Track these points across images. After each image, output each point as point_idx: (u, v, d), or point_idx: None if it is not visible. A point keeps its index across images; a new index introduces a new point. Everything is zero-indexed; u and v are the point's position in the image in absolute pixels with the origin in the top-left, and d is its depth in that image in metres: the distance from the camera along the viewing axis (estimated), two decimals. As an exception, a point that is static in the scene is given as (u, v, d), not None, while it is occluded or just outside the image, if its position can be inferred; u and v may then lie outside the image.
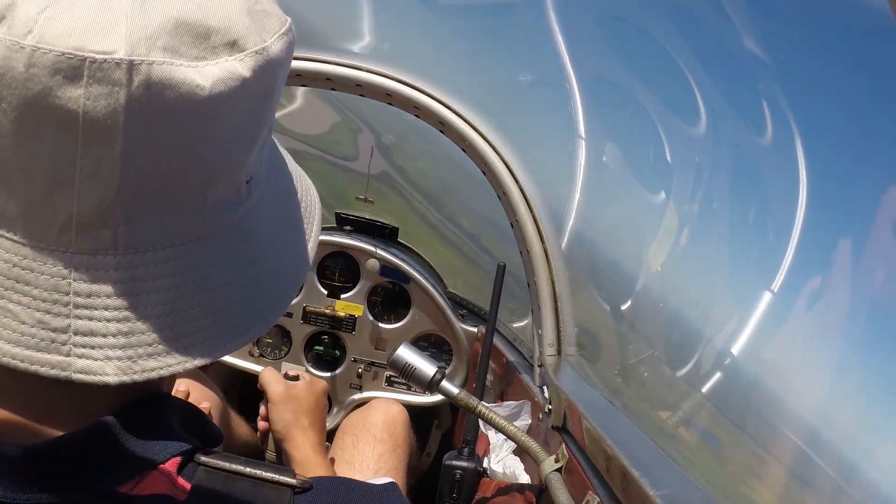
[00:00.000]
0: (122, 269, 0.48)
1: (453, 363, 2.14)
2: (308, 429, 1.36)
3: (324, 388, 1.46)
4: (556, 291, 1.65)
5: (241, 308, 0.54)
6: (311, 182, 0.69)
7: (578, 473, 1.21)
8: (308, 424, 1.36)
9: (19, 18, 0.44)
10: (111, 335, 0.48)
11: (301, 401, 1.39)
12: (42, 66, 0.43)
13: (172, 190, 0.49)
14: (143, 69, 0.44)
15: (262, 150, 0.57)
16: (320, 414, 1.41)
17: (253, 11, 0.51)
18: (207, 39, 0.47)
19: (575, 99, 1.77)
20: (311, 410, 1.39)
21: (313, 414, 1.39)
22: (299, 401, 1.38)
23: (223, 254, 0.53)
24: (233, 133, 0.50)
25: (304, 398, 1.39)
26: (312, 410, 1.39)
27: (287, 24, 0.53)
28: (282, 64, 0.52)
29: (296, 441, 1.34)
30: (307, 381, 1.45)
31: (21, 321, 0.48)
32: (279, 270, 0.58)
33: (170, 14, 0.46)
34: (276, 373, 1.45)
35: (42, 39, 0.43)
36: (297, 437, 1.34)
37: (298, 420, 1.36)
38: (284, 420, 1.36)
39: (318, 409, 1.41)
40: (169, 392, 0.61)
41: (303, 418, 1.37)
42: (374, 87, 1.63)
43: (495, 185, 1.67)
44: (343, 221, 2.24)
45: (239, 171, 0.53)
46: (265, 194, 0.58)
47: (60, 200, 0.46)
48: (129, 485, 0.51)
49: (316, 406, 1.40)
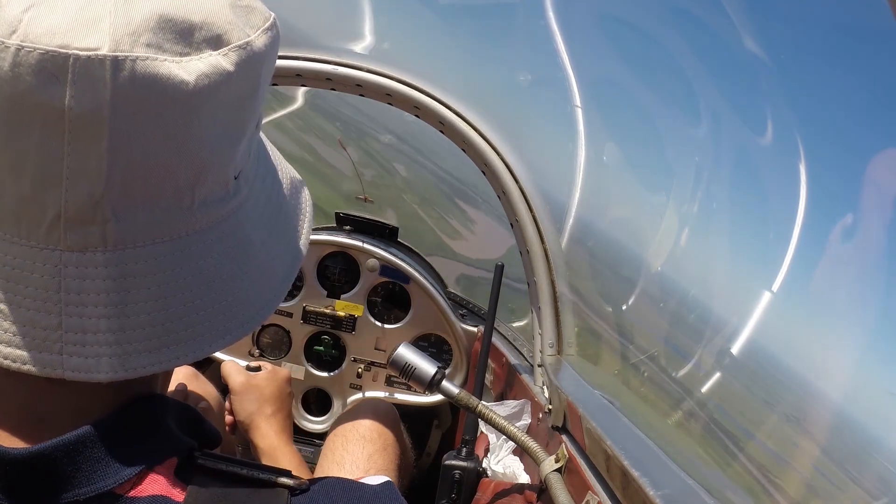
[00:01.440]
0: (112, 266, 0.48)
1: (453, 363, 2.14)
2: (271, 417, 1.36)
3: (286, 376, 1.46)
4: (556, 291, 1.65)
5: (232, 303, 0.54)
6: (301, 178, 0.69)
7: (578, 473, 1.21)
8: (271, 413, 1.37)
9: (3, 18, 0.44)
10: (102, 332, 0.48)
11: (262, 389, 1.39)
12: (27, 64, 0.43)
13: (160, 185, 0.49)
14: (127, 65, 0.44)
15: (250, 145, 0.57)
16: (284, 402, 1.41)
17: (236, 6, 0.51)
18: (191, 35, 0.47)
19: (574, 99, 1.77)
20: (274, 398, 1.39)
21: (276, 402, 1.39)
22: (261, 389, 1.39)
23: (214, 249, 0.53)
24: (219, 127, 0.50)
25: (265, 387, 1.39)
26: (275, 398, 1.39)
27: (271, 20, 0.54)
28: (266, 58, 0.53)
29: (260, 430, 1.34)
30: (269, 369, 1.45)
31: (12, 320, 0.47)
32: (271, 265, 0.58)
33: (153, 10, 0.46)
34: (236, 364, 1.45)
35: (26, 38, 0.44)
36: (260, 426, 1.34)
37: (261, 409, 1.36)
38: (247, 410, 1.36)
39: (281, 397, 1.41)
40: (164, 392, 0.60)
41: (265, 407, 1.37)
42: (374, 87, 1.63)
43: (495, 184, 1.67)
44: (343, 221, 2.24)
45: (227, 165, 0.53)
46: (254, 189, 0.58)
47: (48, 198, 0.46)
48: (126, 486, 0.51)
49: (279, 394, 1.40)
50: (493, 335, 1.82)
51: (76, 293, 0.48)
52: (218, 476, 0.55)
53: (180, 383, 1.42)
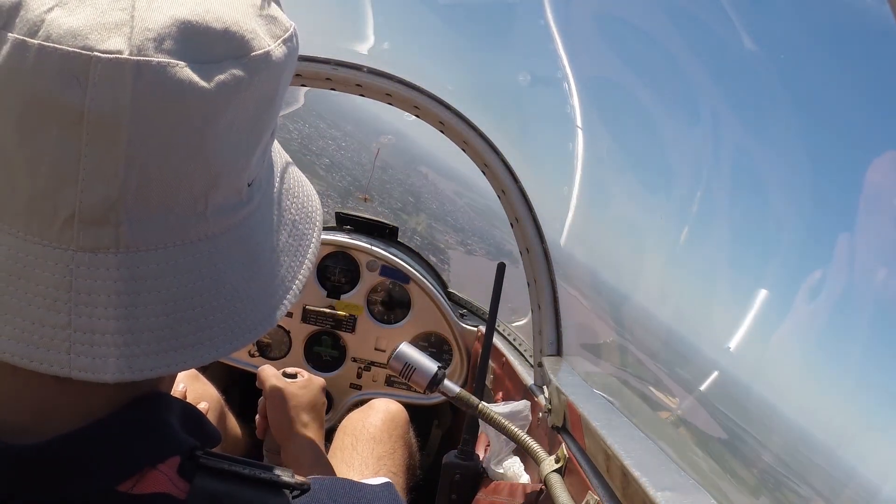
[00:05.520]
0: (124, 268, 0.48)
1: (453, 363, 2.14)
2: (307, 426, 1.36)
3: (322, 385, 1.46)
4: (557, 291, 1.65)
5: (241, 308, 0.54)
6: (311, 186, 0.69)
7: (578, 473, 1.21)
8: (307, 421, 1.36)
9: (26, 18, 0.45)
10: (110, 333, 0.48)
11: (300, 398, 1.39)
12: (48, 64, 0.44)
13: (175, 190, 0.49)
14: (148, 70, 0.44)
15: (265, 154, 0.57)
16: (319, 411, 1.41)
17: (259, 16, 0.52)
18: (212, 43, 0.48)
19: (574, 98, 1.77)
20: (310, 407, 1.39)
21: (312, 411, 1.39)
22: (298, 398, 1.38)
23: (225, 255, 0.53)
24: (236, 135, 0.51)
25: (302, 395, 1.39)
26: (311, 407, 1.39)
27: (291, 30, 0.54)
28: (285, 68, 0.53)
29: (295, 438, 1.34)
30: (305, 378, 1.45)
31: (22, 317, 0.48)
32: (280, 271, 0.58)
33: (176, 16, 0.46)
34: (274, 370, 1.45)
35: (49, 38, 0.44)
36: (296, 435, 1.34)
37: (298, 417, 1.36)
38: (283, 417, 1.36)
39: (317, 406, 1.41)
40: (168, 391, 0.61)
41: (302, 415, 1.37)
42: (374, 87, 1.63)
43: (495, 184, 1.67)
44: (343, 221, 2.24)
45: (241, 173, 0.53)
46: (266, 196, 0.59)
47: (63, 197, 0.46)
48: (128, 484, 0.52)
49: (315, 403, 1.40)
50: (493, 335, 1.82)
51: (86, 293, 0.48)
52: (220, 475, 0.55)
53: (180, 381, 1.41)
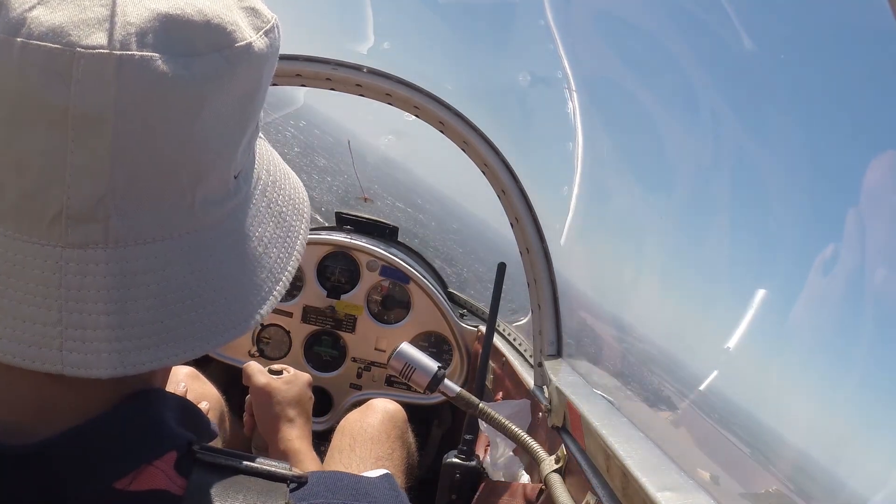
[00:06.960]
0: (113, 263, 0.49)
1: (453, 363, 2.14)
2: (293, 421, 1.37)
3: (308, 381, 1.47)
4: (557, 291, 1.65)
5: (232, 300, 0.55)
6: (297, 178, 0.69)
7: (578, 473, 1.21)
8: (293, 417, 1.37)
9: (8, 16, 0.45)
10: (102, 329, 0.48)
11: (285, 393, 1.39)
12: (32, 62, 0.44)
13: (162, 184, 0.49)
14: (130, 64, 0.45)
15: (251, 145, 0.58)
16: (305, 406, 1.42)
17: (239, 8, 0.52)
18: (195, 35, 0.48)
19: (573, 98, 1.77)
20: (296, 402, 1.39)
21: (298, 406, 1.39)
22: (283, 393, 1.39)
23: (214, 247, 0.54)
24: (221, 128, 0.51)
25: (287, 390, 1.40)
26: (297, 402, 1.40)
27: (273, 21, 0.55)
28: (267, 59, 0.53)
29: (282, 433, 1.34)
30: (291, 373, 1.45)
31: (12, 315, 0.48)
32: (269, 263, 0.59)
33: (157, 10, 0.47)
34: (259, 366, 1.45)
35: (31, 36, 0.44)
36: (282, 430, 1.35)
37: (284, 412, 1.37)
38: (269, 413, 1.37)
39: (303, 401, 1.41)
40: (163, 386, 0.61)
41: (288, 410, 1.37)
42: (374, 87, 1.63)
43: (495, 183, 1.67)
44: (343, 221, 2.24)
45: (228, 165, 0.54)
46: (253, 189, 0.59)
47: (51, 195, 0.46)
48: (125, 480, 0.52)
49: (300, 398, 1.41)
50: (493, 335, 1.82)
51: (77, 289, 0.48)
52: (217, 469, 0.55)
53: (180, 381, 1.42)
